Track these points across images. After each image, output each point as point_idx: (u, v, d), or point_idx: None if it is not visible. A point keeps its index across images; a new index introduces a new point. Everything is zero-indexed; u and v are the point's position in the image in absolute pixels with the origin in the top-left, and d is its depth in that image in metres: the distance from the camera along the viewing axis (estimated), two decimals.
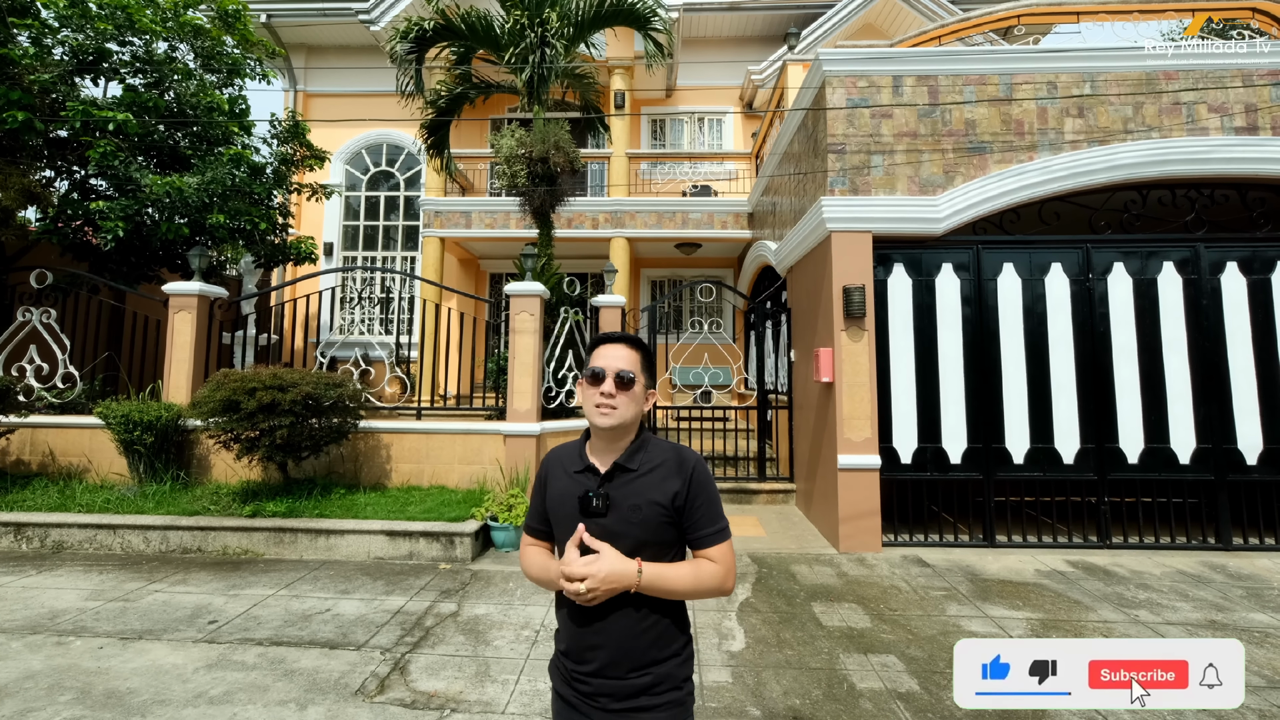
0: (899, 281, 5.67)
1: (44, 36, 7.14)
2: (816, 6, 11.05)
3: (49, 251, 8.00)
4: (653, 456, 1.42)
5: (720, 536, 1.41)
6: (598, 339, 1.48)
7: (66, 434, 6.27)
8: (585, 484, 1.41)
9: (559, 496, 1.44)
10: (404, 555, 5.04)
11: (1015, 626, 3.82)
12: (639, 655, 1.34)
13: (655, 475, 1.39)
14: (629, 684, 1.34)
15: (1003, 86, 5.66)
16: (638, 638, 1.35)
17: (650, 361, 1.49)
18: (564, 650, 1.42)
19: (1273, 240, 5.59)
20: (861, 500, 5.32)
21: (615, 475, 1.40)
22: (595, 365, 1.42)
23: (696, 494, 1.39)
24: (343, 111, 12.04)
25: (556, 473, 1.48)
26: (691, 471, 1.40)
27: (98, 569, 4.72)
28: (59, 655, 3.32)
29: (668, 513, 1.37)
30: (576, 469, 1.44)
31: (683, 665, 1.40)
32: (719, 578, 1.38)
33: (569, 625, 1.40)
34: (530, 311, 6.22)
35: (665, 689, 1.35)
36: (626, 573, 1.30)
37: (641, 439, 1.46)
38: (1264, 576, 4.74)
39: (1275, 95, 5.52)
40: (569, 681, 1.40)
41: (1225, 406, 5.46)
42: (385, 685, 3.05)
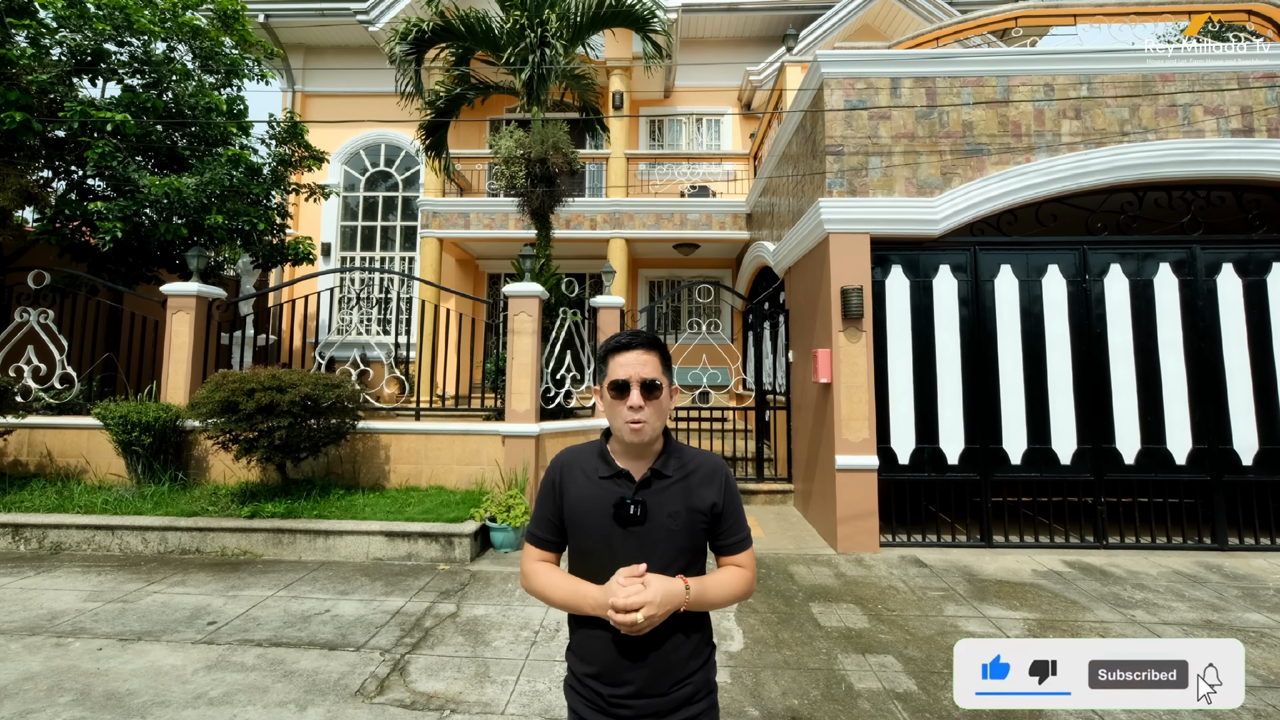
0: (897, 282, 5.68)
1: (42, 37, 7.13)
2: (815, 8, 11.07)
3: (47, 252, 7.98)
4: (686, 462, 1.39)
5: (747, 542, 1.41)
6: (611, 345, 1.39)
7: (64, 435, 6.26)
8: (618, 490, 1.34)
9: (583, 504, 1.36)
10: (403, 556, 5.04)
11: (1013, 627, 3.83)
12: (679, 668, 1.32)
13: (691, 481, 1.37)
14: (671, 698, 1.31)
15: (1000, 88, 5.68)
16: (678, 650, 1.32)
17: (668, 358, 1.43)
18: (595, 674, 1.32)
19: (1268, 242, 5.62)
20: (859, 501, 5.34)
21: (652, 482, 1.35)
22: (617, 376, 1.34)
23: (730, 500, 1.39)
24: (341, 112, 12.04)
25: (575, 479, 1.39)
26: (725, 478, 1.40)
27: (96, 570, 4.71)
28: (58, 656, 3.31)
29: (706, 520, 1.36)
30: (604, 474, 1.37)
31: (712, 670, 1.40)
32: (747, 582, 1.39)
33: (607, 650, 1.31)
34: (528, 312, 6.22)
35: (702, 696, 1.35)
36: (676, 593, 1.26)
37: (670, 444, 1.41)
38: (1259, 577, 4.77)
39: (1271, 97, 5.55)
40: (601, 708, 1.31)
41: (1221, 407, 5.49)
42: (385, 686, 3.06)
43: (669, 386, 1.39)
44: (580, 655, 1.37)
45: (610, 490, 1.35)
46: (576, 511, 1.36)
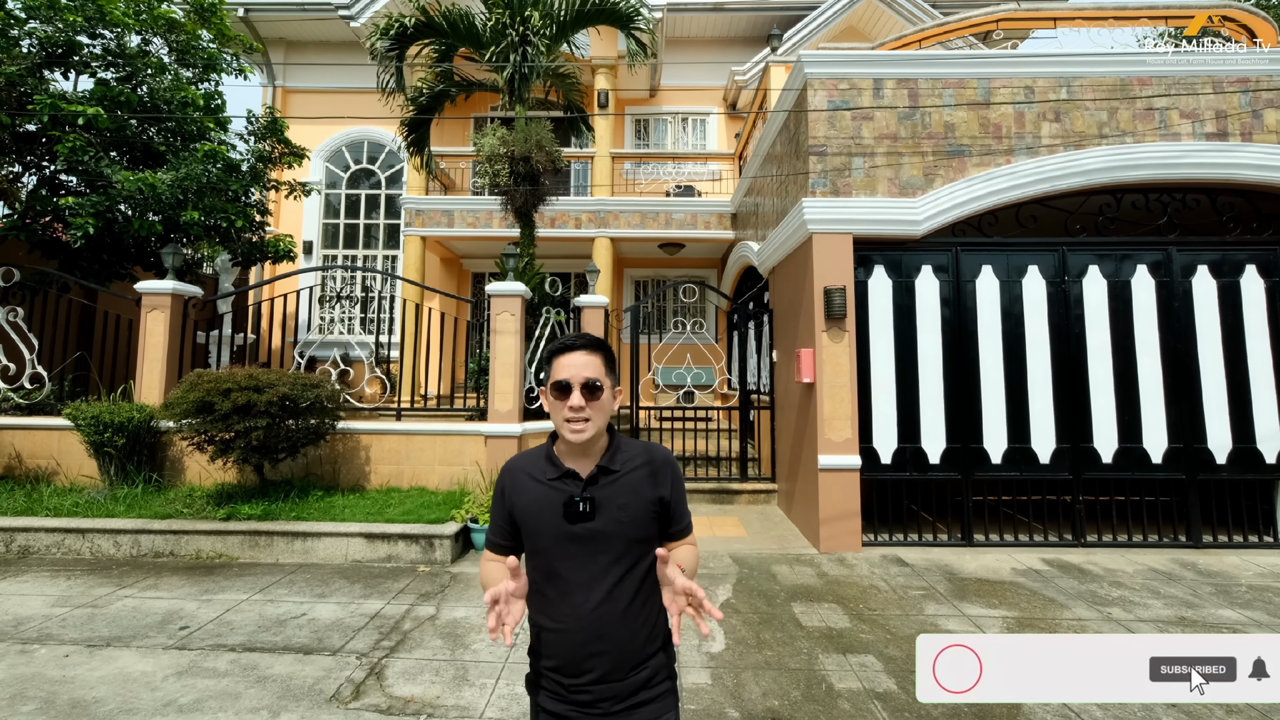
0: (879, 283, 5.71)
1: (10, 28, 6.95)
2: (800, 8, 11.10)
3: (16, 248, 7.80)
4: (631, 457, 1.44)
5: (691, 525, 1.52)
6: (555, 347, 1.45)
7: (34, 436, 6.11)
8: (567, 490, 1.38)
9: (533, 505, 1.40)
10: (382, 558, 4.98)
11: (991, 625, 3.86)
12: (636, 652, 1.37)
13: (637, 475, 1.42)
14: (629, 682, 1.35)
15: (981, 90, 5.72)
16: (635, 635, 1.37)
17: (612, 360, 1.47)
18: (555, 666, 1.37)
19: (1242, 244, 5.72)
20: (842, 500, 5.36)
21: (599, 478, 1.40)
22: (559, 377, 1.39)
23: (676, 490, 1.46)
24: (323, 108, 11.88)
25: (523, 483, 1.44)
26: (672, 470, 1.47)
27: (65, 574, 4.60)
28: (22, 664, 3.23)
29: (656, 509, 1.42)
30: (551, 476, 1.41)
31: (669, 655, 1.46)
32: (696, 558, 1.49)
33: (565, 640, 1.35)
34: (511, 312, 6.18)
35: (660, 680, 1.40)
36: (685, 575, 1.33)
37: (615, 441, 1.47)
38: (1232, 573, 4.85)
39: (1244, 102, 5.65)
40: (563, 697, 1.37)
41: (1196, 407, 5.58)
42: (360, 691, 3.01)
43: (611, 388, 1.44)
44: (541, 651, 1.42)
45: (559, 490, 1.39)
46: (527, 514, 1.40)
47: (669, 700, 1.41)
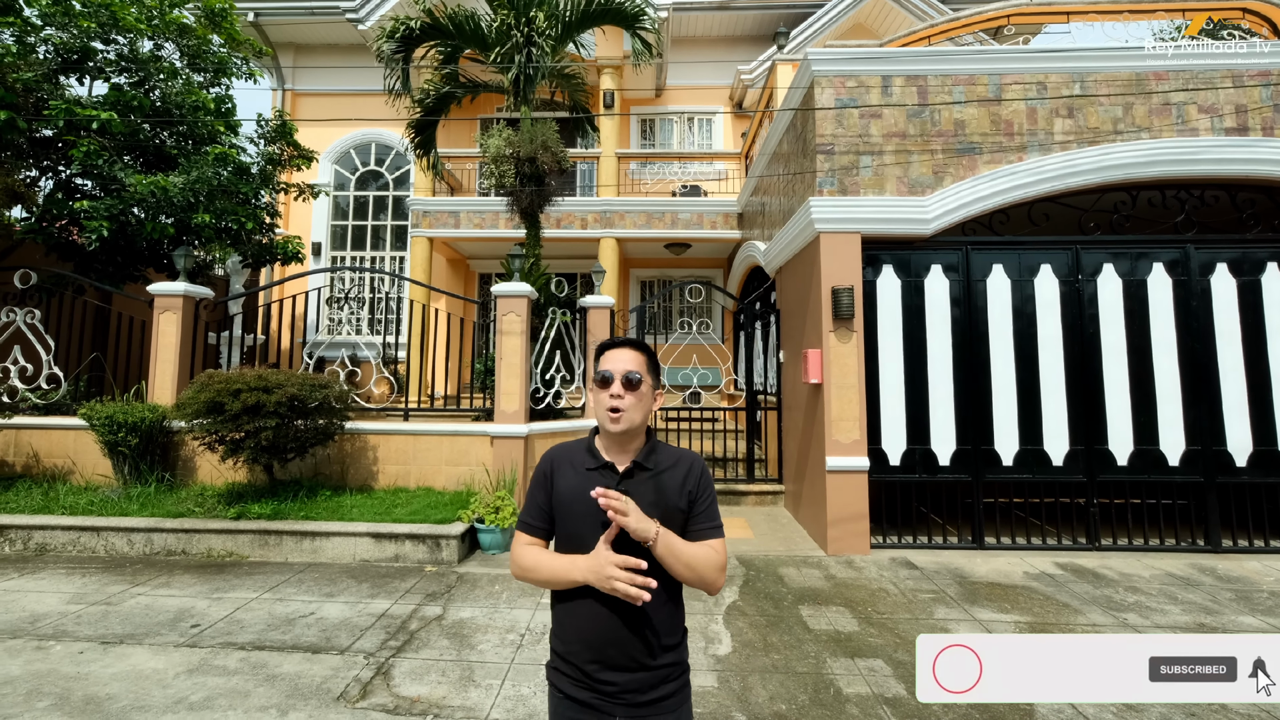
0: (888, 282, 5.65)
1: (27, 34, 7.05)
2: (806, 6, 11.03)
3: (33, 251, 7.91)
4: (664, 458, 1.53)
5: (719, 531, 1.51)
6: (605, 344, 1.57)
7: (51, 435, 6.20)
8: (602, 481, 1.45)
9: (570, 493, 1.48)
10: (390, 558, 5.00)
11: (1003, 630, 3.81)
12: (657, 644, 1.43)
13: (670, 475, 1.50)
14: (651, 674, 1.42)
15: (992, 87, 5.65)
16: (658, 627, 1.43)
17: (655, 363, 1.57)
18: (578, 653, 1.43)
19: (1263, 242, 5.60)
20: (850, 502, 5.31)
21: (634, 473, 1.49)
22: (603, 369, 1.50)
23: (703, 492, 1.51)
24: (331, 111, 11.96)
25: (564, 469, 1.52)
26: (700, 473, 1.53)
27: (80, 572, 4.66)
28: (38, 660, 3.27)
29: (682, 510, 1.48)
30: (590, 466, 1.50)
31: (685, 652, 1.52)
32: (717, 565, 1.46)
33: (588, 623, 1.41)
34: (517, 312, 6.18)
35: (679, 673, 1.48)
36: (649, 525, 1.37)
37: (651, 441, 1.56)
38: (1253, 579, 4.75)
39: (1265, 96, 5.53)
40: (585, 684, 1.42)
41: (1215, 408, 5.47)
42: (368, 690, 3.02)
43: (652, 387, 1.54)
44: (563, 636, 1.47)
45: (596, 480, 1.46)
46: (564, 500, 1.49)
47: (685, 693, 1.49)
